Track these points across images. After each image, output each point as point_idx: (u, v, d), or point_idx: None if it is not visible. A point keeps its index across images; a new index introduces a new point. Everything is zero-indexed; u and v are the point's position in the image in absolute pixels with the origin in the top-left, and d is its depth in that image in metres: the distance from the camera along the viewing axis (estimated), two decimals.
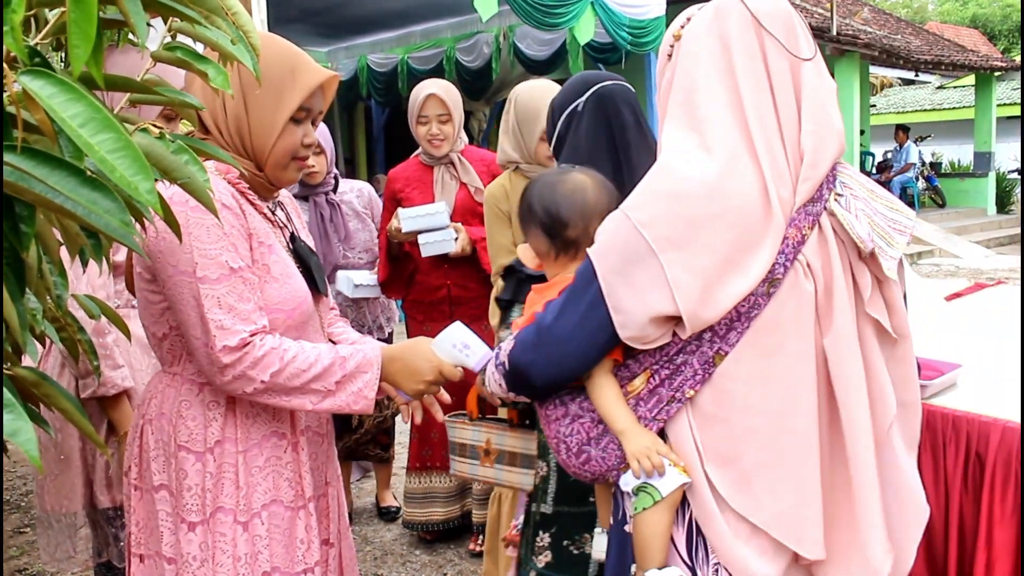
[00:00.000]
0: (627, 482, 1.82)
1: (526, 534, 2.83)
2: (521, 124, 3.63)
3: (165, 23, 1.37)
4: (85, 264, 1.46)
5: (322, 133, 4.48)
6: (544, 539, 2.73)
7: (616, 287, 1.70)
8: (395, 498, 5.17)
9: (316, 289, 2.27)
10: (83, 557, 3.30)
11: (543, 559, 2.73)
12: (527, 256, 2.14)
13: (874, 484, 1.75)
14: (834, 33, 16.18)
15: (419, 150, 4.40)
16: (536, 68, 11.99)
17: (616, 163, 2.66)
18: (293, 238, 2.27)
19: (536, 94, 3.59)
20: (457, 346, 2.24)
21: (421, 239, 4.10)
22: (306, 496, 2.21)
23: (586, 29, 10.25)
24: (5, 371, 1.16)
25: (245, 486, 2.10)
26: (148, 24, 1.13)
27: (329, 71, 2.18)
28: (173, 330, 2.09)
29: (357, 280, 4.49)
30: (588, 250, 1.78)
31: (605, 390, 1.82)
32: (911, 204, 19.42)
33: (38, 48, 1.09)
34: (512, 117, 3.65)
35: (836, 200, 1.74)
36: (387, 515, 5.08)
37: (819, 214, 1.73)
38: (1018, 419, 2.51)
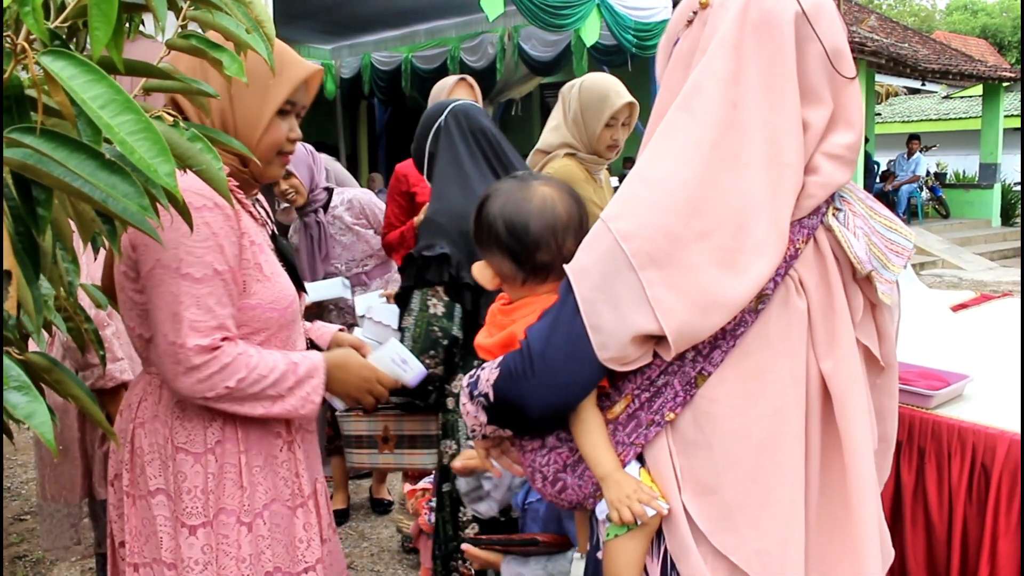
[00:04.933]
0: (602, 509, 1.67)
1: (441, 516, 2.89)
2: (585, 111, 3.77)
3: (177, 13, 1.37)
4: (96, 251, 1.46)
5: (297, 158, 4.48)
6: (467, 513, 2.80)
7: (595, 304, 1.54)
8: (389, 492, 5.19)
9: (299, 286, 2.29)
10: (83, 546, 3.30)
11: (471, 532, 2.80)
12: (484, 277, 1.89)
13: (874, 512, 1.63)
14: None
15: None
16: (541, 69, 12.02)
17: (489, 165, 2.85)
18: (274, 235, 2.27)
19: (602, 82, 3.80)
20: (396, 360, 2.28)
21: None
22: (304, 494, 2.22)
23: (592, 31, 10.28)
24: (18, 356, 1.15)
25: (248, 486, 2.09)
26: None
27: (314, 65, 2.19)
28: None
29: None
30: (566, 267, 1.60)
31: (590, 428, 1.65)
32: (915, 214, 19.42)
33: (56, 31, 1.09)
34: (576, 105, 3.80)
35: (834, 215, 1.60)
36: (379, 507, 5.13)
37: (815, 228, 1.59)
38: None
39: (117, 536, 2.15)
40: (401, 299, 2.81)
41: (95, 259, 1.79)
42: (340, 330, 2.56)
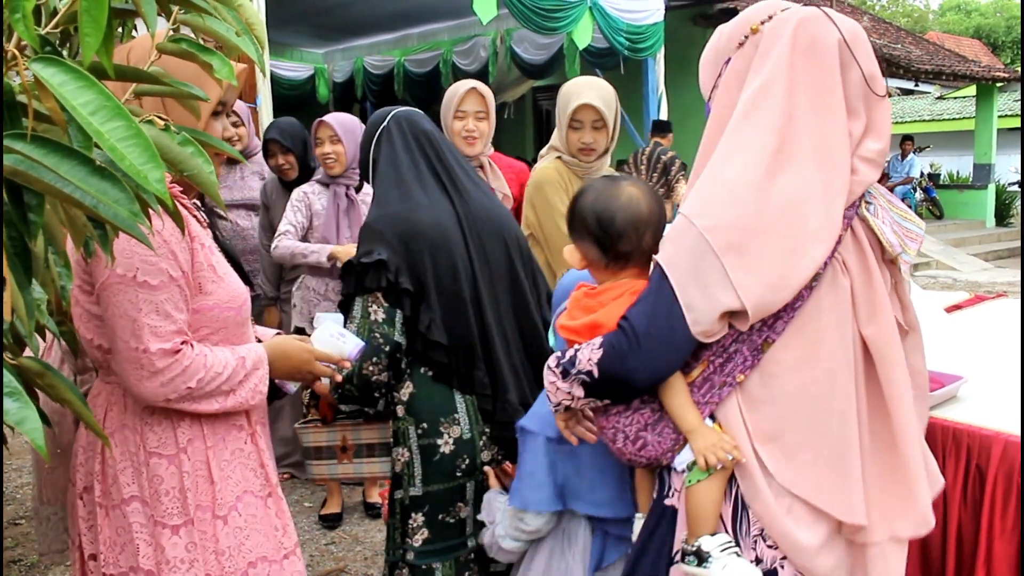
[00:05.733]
0: (682, 460, 1.97)
1: (392, 523, 2.90)
2: (558, 114, 3.79)
3: (167, 16, 1.36)
4: (90, 255, 1.45)
5: (343, 123, 4.55)
6: (418, 519, 2.80)
7: (687, 288, 1.84)
8: (381, 497, 5.18)
9: (247, 282, 2.34)
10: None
11: (419, 538, 2.80)
12: (573, 258, 2.19)
13: (919, 449, 1.96)
14: None
15: None
16: (533, 72, 12.03)
17: (433, 172, 2.88)
18: (215, 237, 2.30)
19: (570, 86, 3.78)
20: (335, 335, 2.41)
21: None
22: (272, 483, 2.26)
23: (584, 34, 10.26)
24: (10, 361, 1.15)
25: (219, 480, 2.12)
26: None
27: (240, 64, 2.20)
28: None
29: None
30: (657, 258, 1.91)
31: (677, 391, 1.95)
32: None
33: (48, 37, 1.09)
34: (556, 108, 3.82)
35: (866, 208, 1.92)
36: (372, 510, 5.11)
37: (852, 218, 1.90)
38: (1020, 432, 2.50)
39: (88, 548, 2.14)
40: (344, 307, 2.83)
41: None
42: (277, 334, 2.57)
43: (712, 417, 1.95)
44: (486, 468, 2.81)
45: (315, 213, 4.77)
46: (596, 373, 1.94)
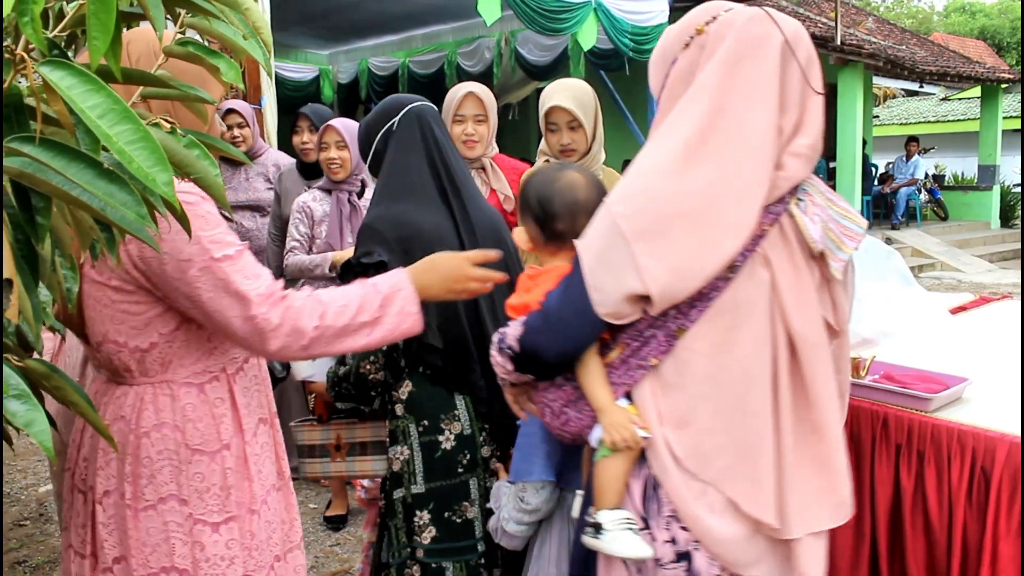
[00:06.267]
0: (595, 436, 2.04)
1: (394, 523, 2.88)
2: (540, 118, 3.76)
3: (175, 19, 1.37)
4: (95, 258, 1.46)
5: (350, 128, 4.60)
6: (423, 517, 2.80)
7: (595, 270, 1.92)
8: (358, 501, 5.18)
9: None
10: None
11: (427, 536, 2.80)
12: (521, 239, 2.32)
13: (841, 441, 2.00)
14: (838, 42, 16.15)
15: None
16: (537, 73, 12.00)
17: (436, 177, 2.88)
18: None
19: (546, 89, 3.76)
20: None
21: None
22: (285, 476, 2.27)
23: (589, 35, 10.26)
24: (17, 363, 1.15)
25: (254, 475, 2.12)
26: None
27: None
28: (163, 337, 2.03)
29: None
30: (576, 242, 1.99)
31: (591, 370, 2.03)
32: (913, 216, 19.39)
33: (55, 40, 1.09)
34: None
35: (796, 204, 1.94)
36: None
37: (779, 214, 1.92)
38: None
39: (110, 552, 2.05)
40: None
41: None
42: None
43: (628, 397, 2.02)
44: (496, 464, 2.83)
45: (316, 220, 4.81)
46: (516, 348, 2.07)
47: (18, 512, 5.24)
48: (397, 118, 2.91)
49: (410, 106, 2.94)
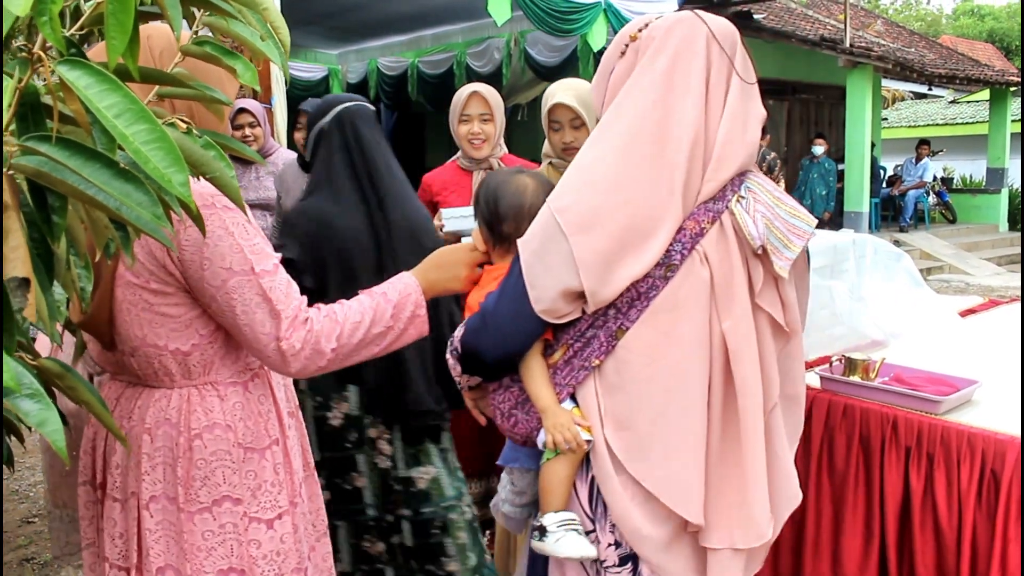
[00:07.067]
0: (541, 438, 2.06)
1: None
2: (542, 118, 3.75)
3: (191, 20, 1.37)
4: (110, 257, 1.46)
5: None
6: (320, 482, 2.93)
7: (533, 266, 1.94)
8: None
9: None
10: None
11: (325, 497, 2.93)
12: (477, 239, 2.34)
13: (762, 457, 1.97)
14: (847, 45, 16.12)
15: (457, 155, 4.36)
16: (547, 74, 12.00)
17: (356, 178, 3.00)
18: None
19: (549, 89, 3.77)
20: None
21: (445, 214, 3.98)
22: (311, 466, 2.29)
23: (599, 36, 10.25)
24: (30, 362, 1.15)
25: (296, 468, 2.15)
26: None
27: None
28: (204, 338, 2.00)
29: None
30: (518, 240, 2.02)
31: (534, 371, 2.05)
32: (922, 219, 19.34)
33: (72, 39, 1.09)
34: None
35: (738, 202, 1.95)
36: None
37: (720, 212, 1.94)
38: None
39: (155, 561, 1.97)
40: None
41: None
42: None
43: (574, 398, 2.04)
44: None
45: None
46: (460, 349, 2.13)
47: (27, 509, 5.25)
48: (327, 119, 3.03)
49: (340, 107, 3.04)
